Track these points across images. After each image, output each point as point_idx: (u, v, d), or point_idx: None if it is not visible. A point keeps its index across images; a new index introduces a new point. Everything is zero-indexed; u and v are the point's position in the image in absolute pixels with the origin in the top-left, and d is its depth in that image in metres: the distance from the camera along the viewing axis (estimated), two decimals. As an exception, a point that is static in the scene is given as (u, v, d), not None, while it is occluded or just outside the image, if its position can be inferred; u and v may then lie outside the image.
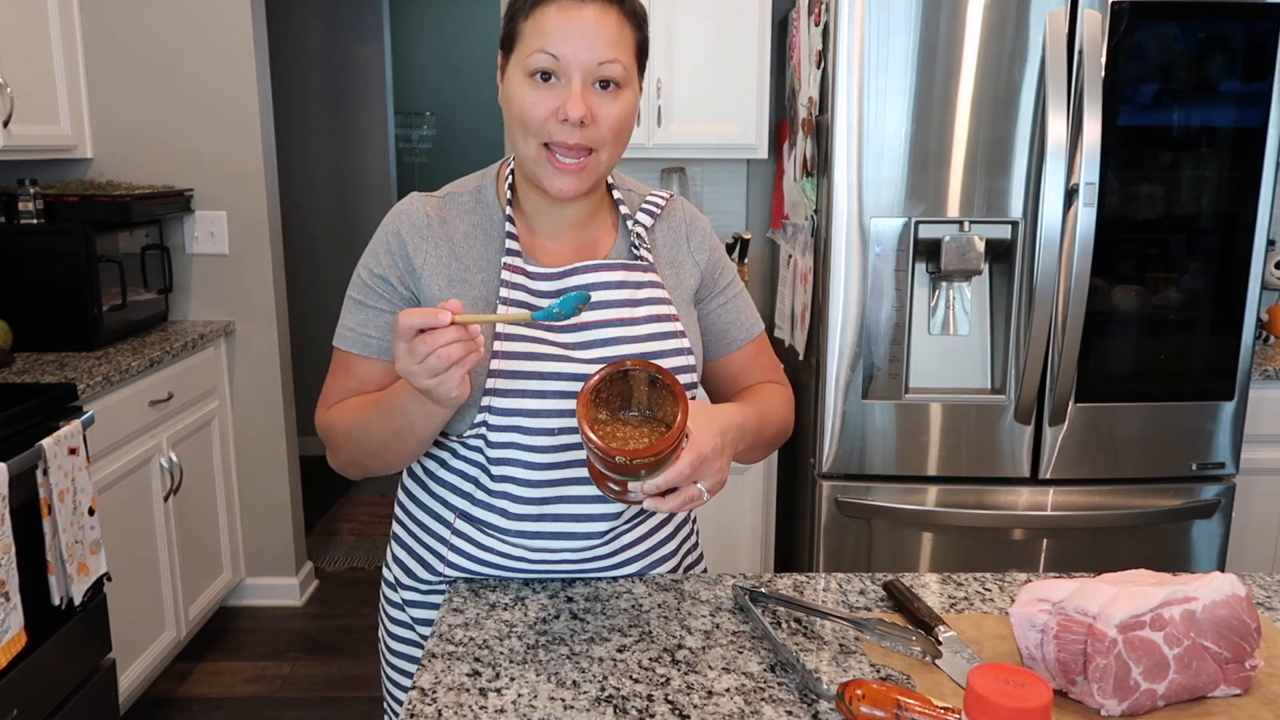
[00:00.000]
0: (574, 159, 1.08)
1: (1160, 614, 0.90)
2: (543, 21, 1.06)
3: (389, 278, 1.15)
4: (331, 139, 4.59)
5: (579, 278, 1.16)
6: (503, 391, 1.11)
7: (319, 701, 2.74)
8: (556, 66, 1.06)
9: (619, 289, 1.17)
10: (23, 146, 2.61)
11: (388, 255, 1.16)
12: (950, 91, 2.16)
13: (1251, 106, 2.18)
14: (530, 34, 1.07)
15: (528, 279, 1.15)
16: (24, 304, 2.60)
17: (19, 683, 1.95)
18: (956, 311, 2.28)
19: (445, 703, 0.94)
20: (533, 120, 1.07)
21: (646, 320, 1.17)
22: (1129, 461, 2.31)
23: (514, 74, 1.09)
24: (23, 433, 1.98)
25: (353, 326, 1.18)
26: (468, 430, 1.14)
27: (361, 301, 1.18)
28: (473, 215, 1.18)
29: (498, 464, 1.15)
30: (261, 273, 3.09)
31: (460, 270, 1.15)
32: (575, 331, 1.14)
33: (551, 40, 1.05)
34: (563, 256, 1.18)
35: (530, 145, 1.09)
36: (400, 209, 1.18)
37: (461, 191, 1.20)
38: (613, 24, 1.07)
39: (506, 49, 1.12)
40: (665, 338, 1.17)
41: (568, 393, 1.11)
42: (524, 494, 1.15)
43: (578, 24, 1.05)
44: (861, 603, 1.16)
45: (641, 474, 0.97)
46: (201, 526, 2.94)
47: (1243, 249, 2.25)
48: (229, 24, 2.94)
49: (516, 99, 1.08)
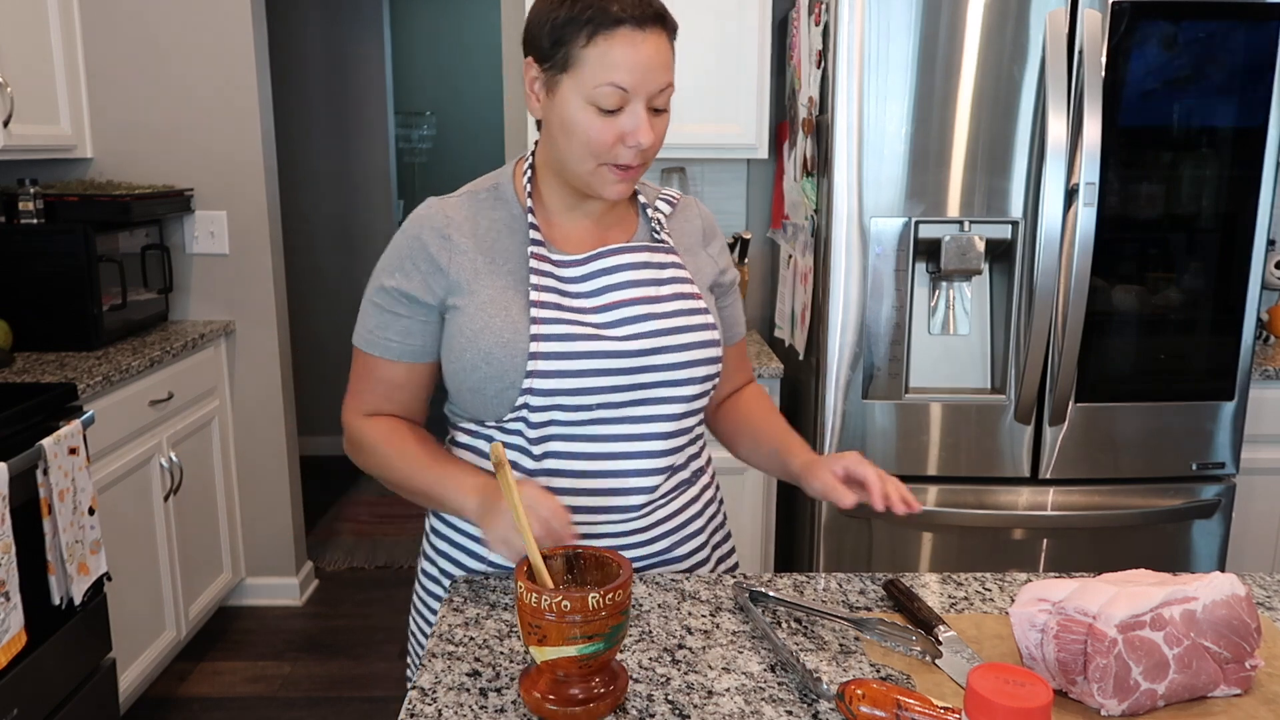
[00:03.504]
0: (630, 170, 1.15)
1: (1160, 614, 0.90)
2: (608, 54, 1.09)
3: (407, 286, 1.19)
4: (331, 139, 4.59)
5: (605, 260, 1.21)
6: (543, 373, 1.15)
7: (319, 701, 2.74)
8: (623, 99, 1.11)
9: (644, 269, 1.22)
10: (23, 146, 2.60)
11: (410, 262, 1.19)
12: (950, 91, 2.16)
13: (1251, 106, 2.18)
14: (594, 64, 1.09)
15: (554, 266, 1.20)
16: (24, 304, 2.60)
17: (19, 683, 1.95)
18: (956, 311, 2.28)
19: (445, 703, 0.94)
20: (599, 145, 1.12)
21: (672, 298, 1.22)
22: (1129, 461, 2.31)
23: (572, 98, 1.12)
24: (23, 432, 1.98)
25: (372, 329, 1.22)
26: (508, 414, 1.19)
27: (381, 306, 1.21)
28: (493, 211, 1.22)
29: (538, 443, 1.19)
30: (261, 273, 3.09)
31: (488, 263, 1.19)
32: (607, 312, 1.19)
33: (618, 74, 1.09)
34: (585, 244, 1.23)
35: (589, 163, 1.14)
36: (419, 214, 1.22)
37: (479, 190, 1.25)
38: (666, 50, 1.13)
39: (555, 68, 1.12)
40: (691, 314, 1.22)
41: (603, 370, 1.16)
42: (566, 467, 1.20)
43: (643, 56, 1.10)
44: (861, 603, 1.16)
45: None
46: (201, 526, 2.94)
47: (1243, 249, 2.25)
48: (229, 24, 2.94)
49: (581, 125, 1.12)
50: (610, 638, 0.89)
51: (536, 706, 0.91)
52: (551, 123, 1.15)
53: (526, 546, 0.95)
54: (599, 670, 0.92)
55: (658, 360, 1.18)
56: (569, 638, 0.88)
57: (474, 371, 1.17)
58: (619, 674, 0.94)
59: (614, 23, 1.08)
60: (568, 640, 0.88)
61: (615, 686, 0.93)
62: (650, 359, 1.18)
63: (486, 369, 1.16)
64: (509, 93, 3.08)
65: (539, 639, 0.89)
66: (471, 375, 1.17)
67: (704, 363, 1.22)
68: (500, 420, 1.20)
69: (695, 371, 1.21)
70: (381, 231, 4.67)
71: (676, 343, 1.19)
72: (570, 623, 0.87)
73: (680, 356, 1.20)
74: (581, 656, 0.88)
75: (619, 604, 0.89)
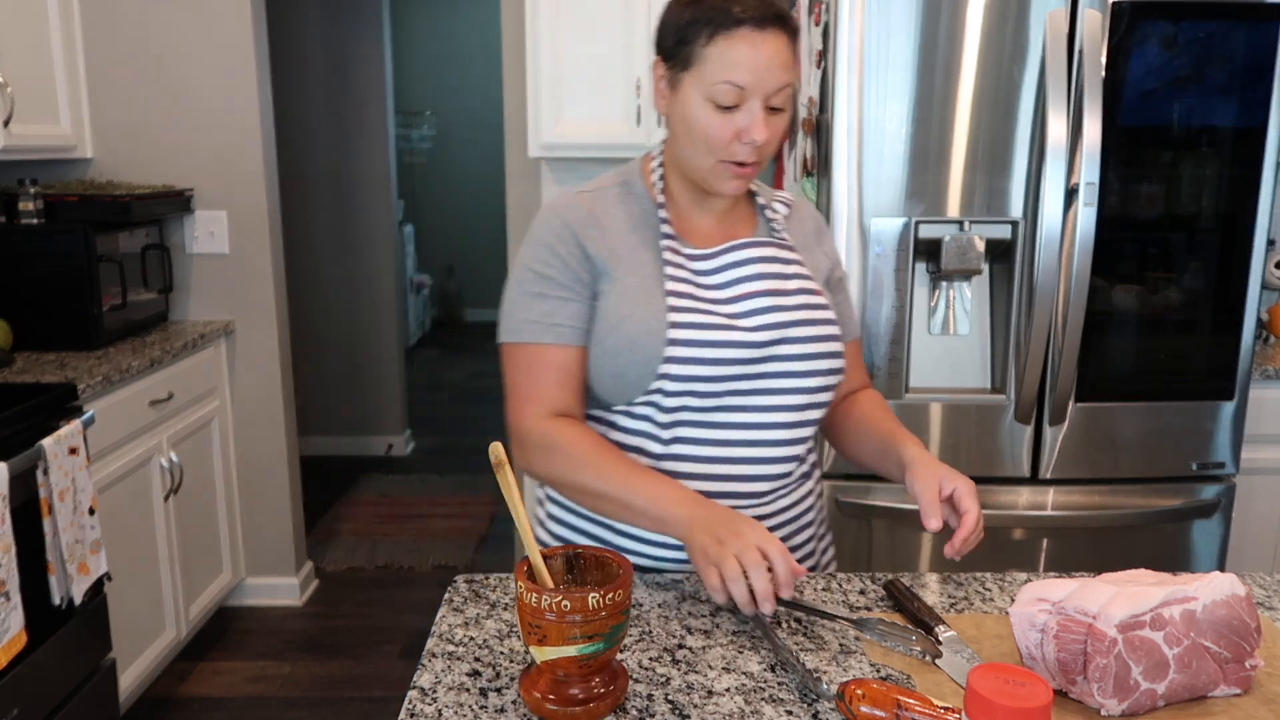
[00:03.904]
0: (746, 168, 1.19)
1: (1160, 614, 0.90)
2: (728, 52, 1.14)
3: (569, 265, 1.23)
4: (331, 139, 4.59)
5: (733, 254, 1.25)
6: (680, 359, 1.19)
7: (319, 701, 2.74)
8: (740, 96, 1.15)
9: (771, 263, 1.26)
10: (23, 146, 2.61)
11: (561, 245, 1.23)
12: (950, 91, 2.16)
13: (1251, 106, 2.18)
14: (714, 62, 1.14)
15: (686, 259, 1.25)
16: (24, 304, 2.60)
17: (19, 683, 1.95)
18: (956, 311, 2.28)
19: (445, 703, 0.94)
20: (717, 141, 1.17)
21: (797, 292, 1.26)
22: (1129, 461, 2.31)
23: (692, 94, 1.17)
24: (23, 433, 1.98)
25: (538, 319, 1.23)
26: (638, 398, 1.22)
27: (543, 294, 1.23)
28: (625, 206, 1.27)
29: (668, 428, 1.23)
30: (261, 273, 3.10)
31: (628, 252, 1.24)
32: (737, 303, 1.23)
33: (737, 72, 1.14)
34: (712, 239, 1.28)
35: (708, 160, 1.19)
36: (556, 204, 1.26)
37: (608, 185, 1.30)
38: (786, 51, 1.16)
39: (679, 65, 1.18)
40: (815, 308, 1.26)
41: (734, 359, 1.20)
42: (695, 452, 1.23)
43: (762, 56, 1.14)
44: (861, 603, 1.16)
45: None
46: (201, 526, 2.94)
47: (1243, 249, 2.25)
48: (229, 24, 2.94)
49: (701, 121, 1.17)
50: (610, 638, 0.89)
51: (536, 706, 0.91)
52: (674, 119, 1.21)
53: (527, 546, 0.95)
54: (599, 670, 0.92)
55: (784, 350, 1.23)
56: (569, 638, 0.88)
57: (617, 356, 1.21)
58: (619, 674, 0.94)
59: (734, 23, 1.13)
60: (568, 640, 0.88)
61: (615, 686, 0.93)
62: (777, 349, 1.22)
63: (630, 354, 1.20)
64: (509, 93, 3.08)
65: (539, 639, 0.89)
66: (615, 360, 1.21)
67: (827, 355, 1.25)
68: (629, 404, 1.23)
69: (820, 364, 1.24)
70: (382, 231, 4.67)
71: (802, 334, 1.23)
72: (570, 623, 0.87)
73: (806, 348, 1.23)
74: (581, 656, 0.89)
75: (619, 604, 0.89)
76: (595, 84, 2.68)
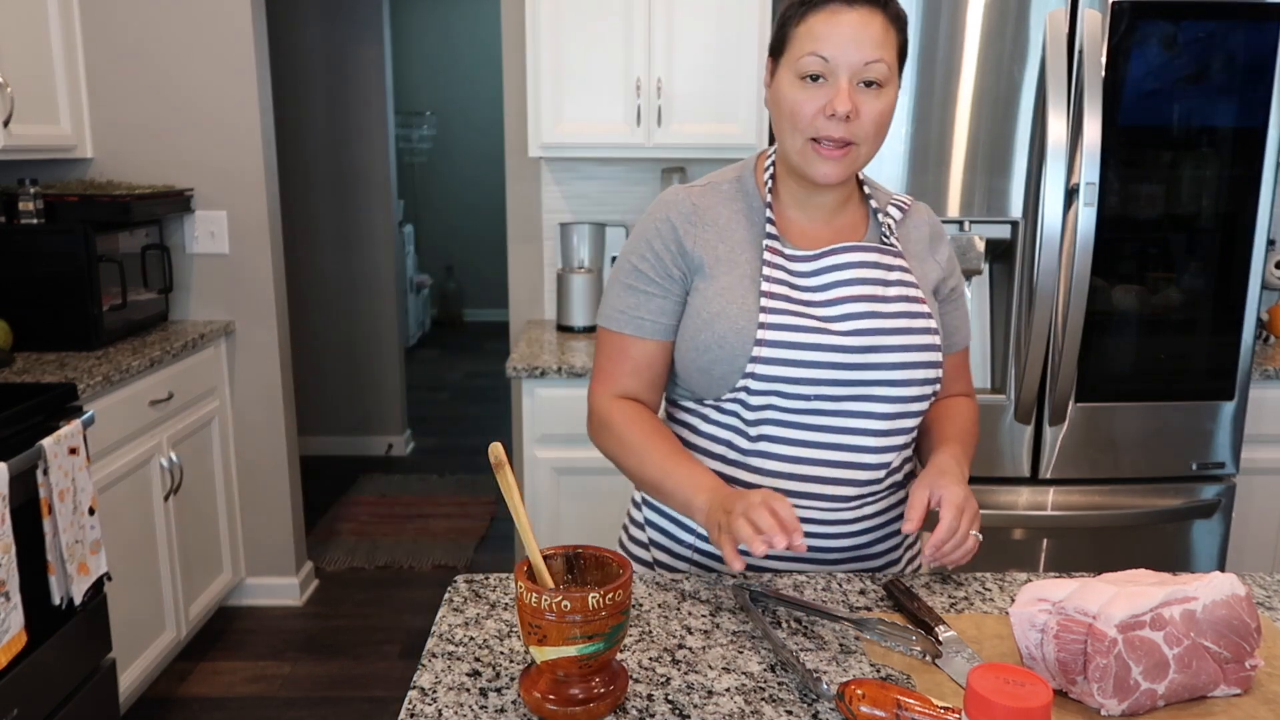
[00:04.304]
0: (838, 148, 1.18)
1: (1160, 614, 0.90)
2: (813, 27, 1.16)
3: (663, 262, 1.25)
4: (331, 139, 4.59)
5: (835, 257, 1.24)
6: (766, 359, 1.19)
7: (319, 701, 2.74)
8: (825, 68, 1.15)
9: (872, 269, 1.25)
10: (23, 146, 2.60)
11: (660, 241, 1.26)
12: (950, 91, 2.16)
13: (1251, 106, 2.18)
14: (801, 38, 1.17)
15: (786, 260, 1.24)
16: (24, 304, 2.59)
17: (19, 683, 1.95)
18: (956, 311, 2.28)
19: (445, 703, 0.94)
20: (802, 117, 1.17)
21: (897, 299, 1.24)
22: (1129, 461, 2.31)
23: (784, 75, 1.19)
24: (23, 433, 1.98)
25: (625, 310, 1.27)
26: (726, 394, 1.23)
27: (634, 286, 1.27)
28: (734, 202, 1.28)
29: (754, 425, 1.23)
30: (261, 273, 3.10)
31: (728, 251, 1.25)
32: (833, 306, 1.22)
33: (821, 44, 1.15)
34: (819, 240, 1.27)
35: (798, 140, 1.19)
36: (666, 199, 1.28)
37: (722, 181, 1.31)
38: (878, 27, 1.16)
39: (776, 54, 1.22)
40: (914, 317, 1.24)
41: (825, 363, 1.20)
42: (780, 451, 1.24)
43: (846, 27, 1.15)
44: (861, 603, 1.16)
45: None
46: (201, 526, 2.94)
47: (1243, 249, 2.25)
48: (229, 24, 2.94)
49: (788, 98, 1.18)
50: (610, 638, 0.89)
51: (536, 706, 0.91)
52: (771, 107, 1.23)
53: (527, 547, 0.95)
54: (599, 670, 0.92)
55: (877, 359, 1.21)
56: (569, 638, 0.88)
57: (706, 352, 1.23)
58: (619, 674, 0.94)
59: (823, 1, 1.16)
60: (568, 640, 0.88)
61: (615, 686, 0.93)
62: (870, 356, 1.21)
63: (718, 351, 1.21)
64: (509, 93, 3.08)
65: (539, 639, 0.89)
66: (703, 356, 1.23)
67: (923, 365, 1.23)
68: (719, 399, 1.25)
69: (914, 374, 1.23)
70: (382, 231, 4.67)
71: (897, 343, 1.22)
72: (570, 623, 0.87)
73: (900, 357, 1.22)
74: (581, 656, 0.88)
75: (619, 604, 0.89)
76: (595, 84, 2.68)
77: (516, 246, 3.14)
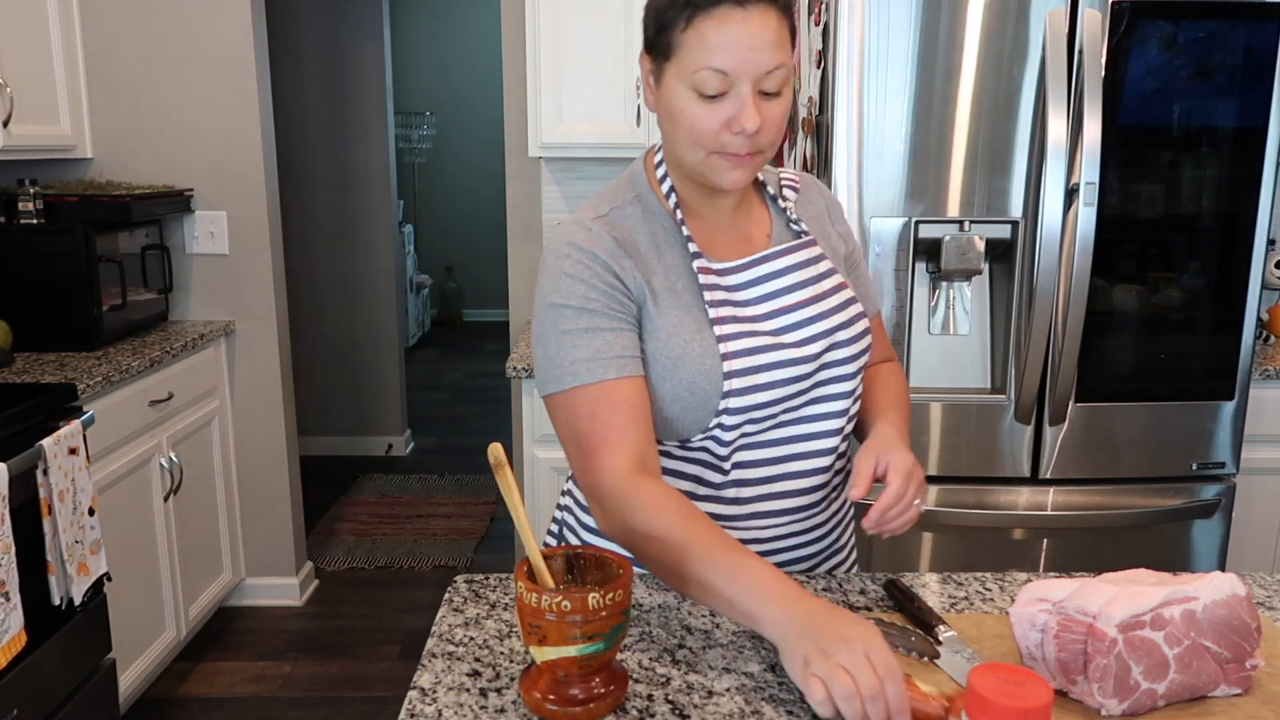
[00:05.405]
0: (747, 155, 1.09)
1: (1160, 614, 0.90)
2: (705, 35, 1.03)
3: (612, 294, 1.12)
4: (331, 139, 4.59)
5: (763, 266, 1.18)
6: (738, 391, 1.13)
7: (319, 701, 2.74)
8: (725, 83, 1.04)
9: (804, 269, 1.20)
10: (23, 146, 2.61)
11: (597, 279, 1.12)
12: (950, 91, 2.16)
13: (1251, 106, 2.18)
14: (692, 48, 1.04)
15: (717, 276, 1.17)
16: (24, 304, 2.60)
17: (19, 683, 1.95)
18: (956, 311, 2.28)
19: (445, 703, 0.93)
20: (704, 133, 1.07)
21: (833, 292, 1.20)
22: (1129, 461, 2.31)
23: (675, 86, 1.08)
24: (23, 433, 1.98)
25: (592, 357, 1.10)
26: (698, 435, 1.16)
27: (591, 329, 1.11)
28: (646, 225, 1.18)
29: (727, 459, 1.18)
30: (261, 273, 3.10)
31: (662, 280, 1.15)
32: (777, 317, 1.17)
33: (716, 55, 1.03)
34: (729, 243, 1.20)
35: (698, 154, 1.10)
36: (576, 240, 1.13)
37: (623, 205, 1.19)
38: (773, 28, 1.04)
39: (660, 55, 1.09)
40: (849, 304, 1.21)
41: (785, 379, 1.15)
42: (753, 475, 1.19)
43: (742, 34, 1.03)
44: (861, 603, 1.16)
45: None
46: (201, 526, 2.94)
47: (1243, 248, 2.25)
48: (229, 24, 2.94)
49: (685, 113, 1.07)
50: (610, 638, 0.89)
51: (536, 706, 0.91)
52: (661, 114, 1.12)
53: (527, 547, 0.95)
54: (599, 670, 0.92)
55: (831, 356, 1.18)
56: (569, 638, 0.88)
57: (676, 401, 1.13)
58: (619, 674, 0.94)
59: (712, 3, 1.03)
60: (568, 640, 0.88)
61: (615, 686, 0.93)
62: (826, 356, 1.18)
63: (690, 398, 1.13)
64: (509, 93, 3.08)
65: (539, 639, 0.89)
66: (674, 404, 1.13)
67: (866, 349, 1.22)
68: (685, 441, 1.17)
69: (862, 360, 1.21)
70: (381, 231, 4.67)
71: (845, 336, 1.19)
72: (570, 623, 0.87)
73: (850, 350, 1.19)
74: (582, 656, 0.88)
75: (619, 604, 0.89)
76: (595, 84, 2.68)
77: (516, 246, 3.14)
